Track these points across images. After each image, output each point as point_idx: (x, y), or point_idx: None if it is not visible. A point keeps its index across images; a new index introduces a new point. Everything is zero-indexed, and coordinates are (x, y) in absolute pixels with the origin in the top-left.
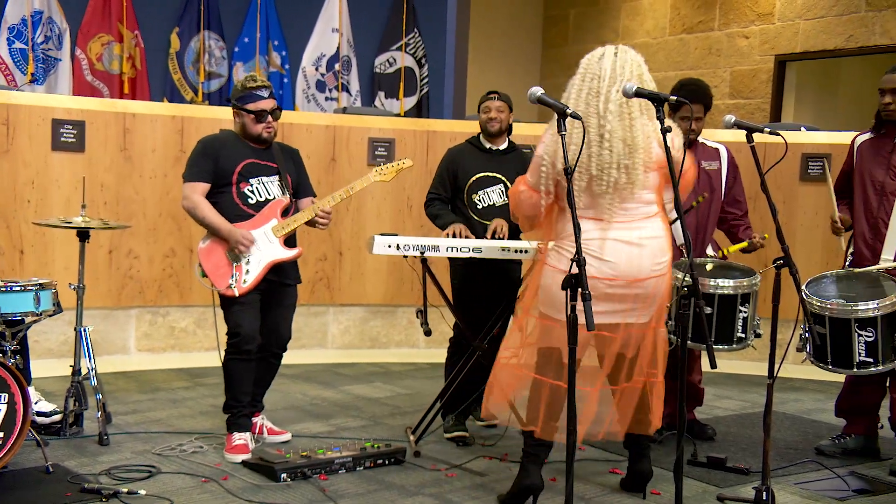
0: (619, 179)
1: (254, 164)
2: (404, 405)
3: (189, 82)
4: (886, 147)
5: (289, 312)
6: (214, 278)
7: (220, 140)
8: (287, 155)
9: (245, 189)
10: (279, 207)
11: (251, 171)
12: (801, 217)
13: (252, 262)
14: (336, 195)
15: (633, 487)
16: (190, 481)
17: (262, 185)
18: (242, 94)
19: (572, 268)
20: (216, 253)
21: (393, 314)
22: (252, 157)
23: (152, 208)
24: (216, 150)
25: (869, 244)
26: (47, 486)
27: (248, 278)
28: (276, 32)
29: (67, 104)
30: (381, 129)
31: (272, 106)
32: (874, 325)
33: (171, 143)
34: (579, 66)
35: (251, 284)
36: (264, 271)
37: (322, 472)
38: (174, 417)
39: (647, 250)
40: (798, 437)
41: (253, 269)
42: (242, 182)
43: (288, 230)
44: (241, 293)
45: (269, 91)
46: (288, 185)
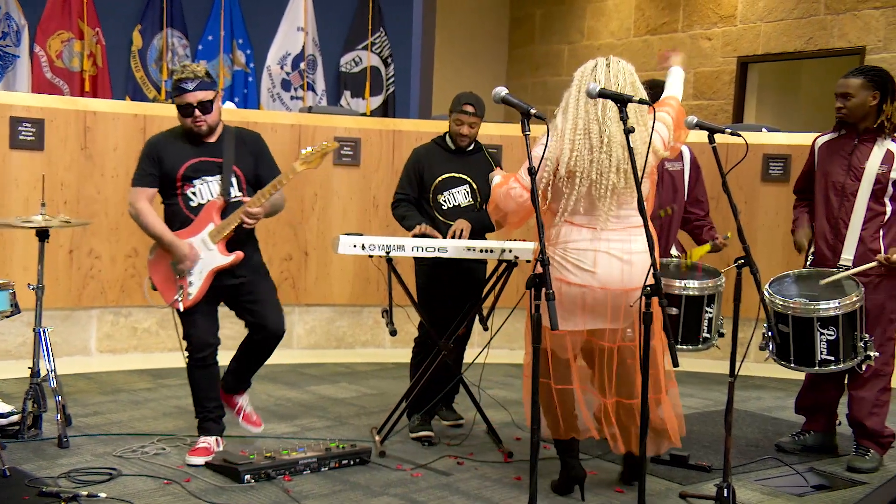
0: (618, 184)
1: (198, 164)
2: (370, 405)
3: (152, 80)
4: (846, 148)
5: (266, 305)
6: (163, 291)
7: (164, 140)
8: (243, 146)
9: (188, 191)
10: (214, 210)
11: (195, 172)
12: (762, 217)
13: (195, 273)
14: (264, 191)
15: (627, 479)
16: (151, 483)
17: (205, 186)
18: (172, 88)
19: (536, 267)
20: (163, 265)
21: (359, 314)
22: (196, 155)
23: (114, 207)
24: (160, 151)
25: (830, 244)
26: (4, 490)
27: (193, 290)
28: (240, 30)
29: (26, 101)
30: (346, 129)
31: (199, 98)
32: (835, 323)
33: (133, 142)
34: (573, 79)
35: (196, 297)
36: (208, 280)
37: (286, 472)
38: (136, 419)
39: (637, 267)
40: (759, 434)
41: (196, 281)
42: (186, 184)
43: (222, 235)
44: (187, 307)
45: (196, 81)
46: (240, 183)
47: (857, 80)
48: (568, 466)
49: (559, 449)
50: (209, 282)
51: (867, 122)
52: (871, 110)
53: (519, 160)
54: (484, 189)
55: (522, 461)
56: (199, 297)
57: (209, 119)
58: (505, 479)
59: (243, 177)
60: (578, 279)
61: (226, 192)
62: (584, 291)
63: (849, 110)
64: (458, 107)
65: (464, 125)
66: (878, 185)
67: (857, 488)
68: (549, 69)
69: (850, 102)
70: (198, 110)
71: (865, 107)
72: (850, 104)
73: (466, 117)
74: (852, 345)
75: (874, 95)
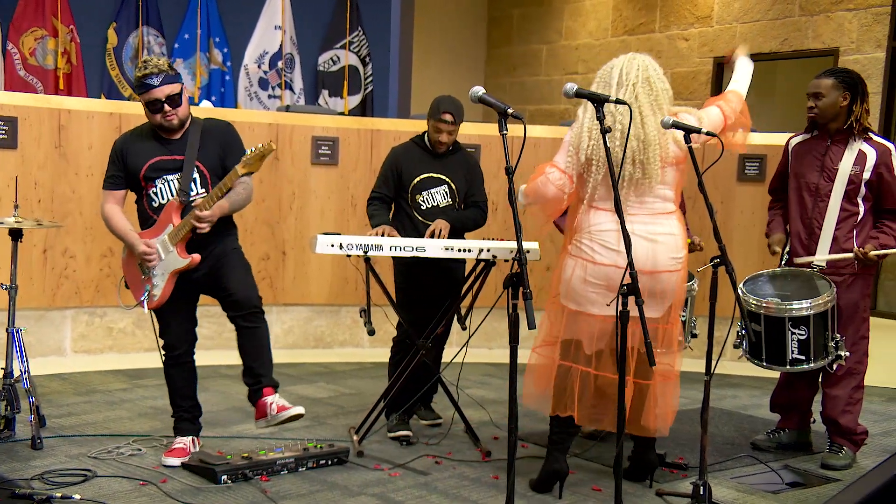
0: (634, 174)
1: (159, 163)
2: (348, 405)
3: (127, 79)
4: (819, 149)
5: (231, 278)
6: (134, 291)
7: (129, 140)
8: (210, 138)
9: (151, 191)
10: (173, 211)
11: (155, 171)
12: (738, 217)
13: (158, 274)
14: (212, 195)
15: (637, 477)
16: (127, 485)
17: (166, 185)
18: (137, 85)
19: (512, 266)
20: (133, 264)
21: (337, 314)
22: (157, 154)
23: (89, 207)
24: (124, 152)
25: (804, 244)
26: None
27: (157, 292)
28: (217, 29)
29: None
30: (324, 128)
31: (166, 93)
32: (807, 323)
33: (108, 141)
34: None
35: (160, 299)
36: (171, 282)
37: (263, 473)
38: (111, 420)
39: (662, 246)
40: (735, 432)
41: (159, 283)
42: (149, 184)
43: (179, 237)
44: (151, 307)
45: (162, 76)
46: (204, 179)
47: (828, 80)
48: (552, 459)
49: (552, 432)
50: (172, 283)
51: (837, 122)
52: (842, 111)
53: (498, 160)
54: (462, 189)
55: (500, 460)
56: (164, 299)
57: (180, 112)
58: (483, 479)
59: (207, 172)
60: (606, 259)
61: (185, 190)
62: (611, 271)
63: (820, 110)
64: (437, 115)
65: (442, 133)
66: (850, 186)
67: (831, 485)
68: (527, 69)
69: (821, 102)
70: (167, 105)
71: (836, 107)
72: (821, 104)
73: (445, 125)
74: (823, 344)
75: (845, 96)
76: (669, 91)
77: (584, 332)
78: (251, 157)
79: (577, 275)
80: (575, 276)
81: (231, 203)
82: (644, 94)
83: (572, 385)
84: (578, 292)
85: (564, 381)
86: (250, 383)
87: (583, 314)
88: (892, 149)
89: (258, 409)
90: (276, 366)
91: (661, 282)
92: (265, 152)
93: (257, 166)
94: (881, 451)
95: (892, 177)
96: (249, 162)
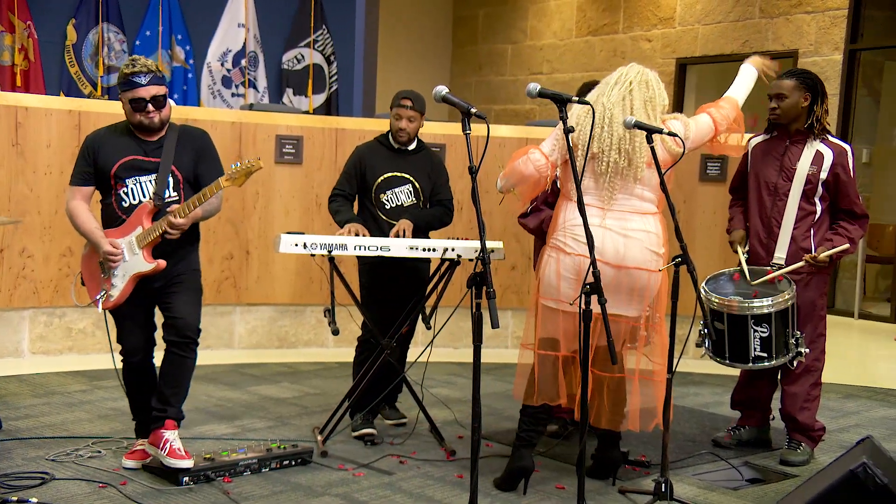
0: (620, 162)
1: (132, 162)
2: (312, 405)
3: (87, 76)
4: (778, 149)
5: (179, 298)
6: (90, 288)
7: (103, 137)
8: (186, 143)
9: (121, 191)
10: (145, 213)
11: (128, 171)
12: (700, 216)
13: (118, 275)
14: (189, 203)
15: (601, 474)
16: (86, 487)
17: (138, 186)
18: (122, 81)
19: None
20: (93, 262)
21: (301, 313)
22: (134, 153)
23: (47, 205)
24: (96, 148)
25: (763, 243)
26: None
27: (114, 293)
28: (179, 26)
29: None
30: (288, 127)
31: (152, 93)
32: (769, 321)
33: (67, 139)
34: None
35: (116, 300)
36: (130, 285)
37: (226, 474)
38: (70, 422)
39: (634, 242)
40: (696, 429)
41: (118, 284)
42: (119, 183)
43: (148, 241)
44: (106, 308)
45: (150, 76)
46: (178, 183)
47: (790, 81)
48: (518, 456)
49: (521, 429)
50: (132, 286)
51: (798, 123)
52: (803, 111)
53: (463, 159)
54: (427, 188)
55: (465, 459)
56: (121, 301)
57: (162, 113)
58: (447, 478)
59: (181, 177)
60: (577, 250)
61: (160, 194)
62: (581, 261)
63: (782, 111)
64: (396, 102)
65: (402, 119)
66: (808, 186)
67: (789, 481)
68: (492, 68)
69: (783, 103)
70: (150, 105)
71: (798, 108)
72: (783, 105)
73: (404, 111)
74: (784, 342)
75: (805, 97)
76: (666, 100)
77: (560, 331)
78: (237, 171)
79: (551, 268)
80: (550, 269)
81: (204, 212)
82: (639, 92)
83: (549, 372)
84: (553, 285)
85: (542, 371)
86: (157, 408)
87: (558, 312)
88: (849, 150)
89: (153, 437)
90: (239, 366)
91: (631, 277)
92: (252, 169)
93: (242, 181)
94: (838, 447)
95: (848, 177)
96: (234, 176)
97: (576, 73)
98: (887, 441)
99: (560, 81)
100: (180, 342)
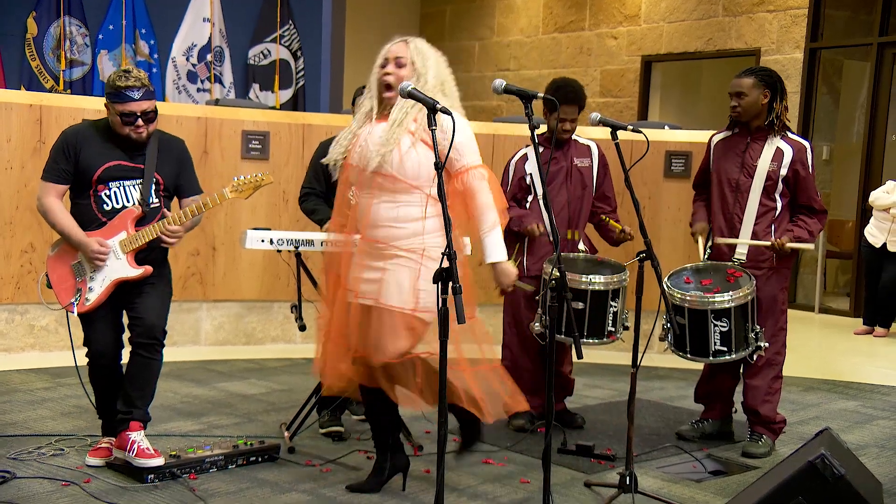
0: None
1: (118, 167)
2: (279, 401)
3: (49, 70)
4: (740, 146)
5: (147, 300)
6: (59, 291)
7: (84, 135)
8: (167, 151)
9: (102, 193)
10: (130, 218)
11: (113, 175)
12: (665, 212)
13: (96, 279)
14: (186, 212)
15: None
16: (49, 486)
17: (122, 190)
18: (112, 91)
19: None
20: (64, 264)
21: (269, 309)
22: (118, 157)
23: (8, 201)
24: (78, 147)
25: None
26: None
27: (91, 297)
28: (143, 20)
29: None
30: (255, 122)
31: (144, 108)
32: (728, 315)
33: (28, 133)
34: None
35: (93, 304)
36: (109, 289)
37: (192, 471)
38: (32, 419)
39: None
40: (661, 423)
41: (96, 288)
42: (101, 185)
43: (135, 246)
44: (81, 312)
45: (143, 91)
46: (158, 189)
47: (749, 79)
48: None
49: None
50: (110, 291)
51: (759, 120)
52: (763, 109)
53: None
54: None
55: (432, 454)
56: (97, 305)
57: (150, 128)
58: (415, 473)
59: (163, 183)
60: None
61: (145, 200)
62: None
63: (742, 109)
64: (357, 95)
65: None
66: (769, 182)
67: (751, 473)
68: (460, 65)
69: (743, 101)
70: (141, 119)
71: (758, 105)
72: (743, 103)
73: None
74: (744, 336)
75: (765, 94)
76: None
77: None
78: (244, 183)
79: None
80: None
81: (192, 223)
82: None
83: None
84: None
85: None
86: (122, 410)
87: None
88: (808, 147)
89: (119, 439)
90: (206, 362)
91: None
92: (261, 183)
93: (248, 194)
94: (798, 439)
95: (807, 173)
96: (241, 188)
97: (543, 69)
98: (845, 433)
99: (527, 78)
100: (147, 344)
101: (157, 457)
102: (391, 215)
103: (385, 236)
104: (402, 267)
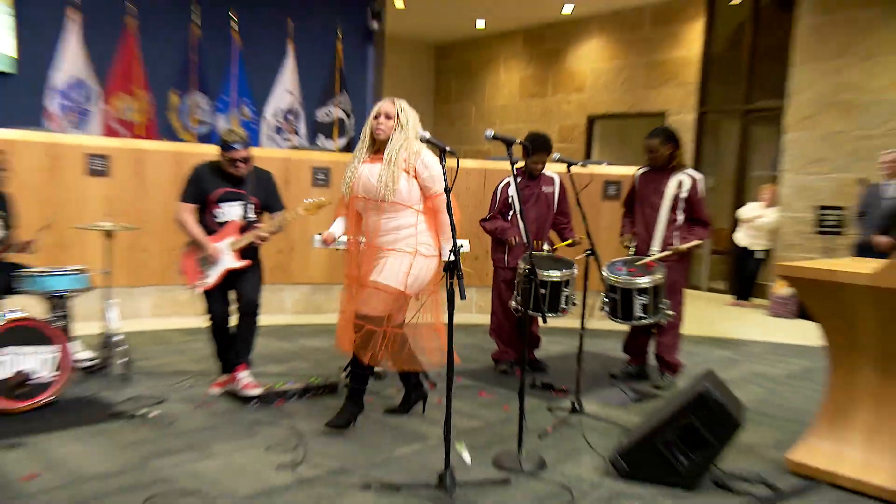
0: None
1: (227, 193)
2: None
3: (184, 127)
4: (655, 179)
5: (247, 283)
6: (187, 275)
7: (205, 171)
8: (259, 180)
9: (216, 211)
10: (235, 228)
11: (223, 198)
12: (603, 224)
13: (213, 268)
14: (274, 223)
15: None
16: (187, 406)
17: (229, 208)
18: (223, 143)
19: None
20: (191, 257)
21: (330, 290)
22: (227, 186)
23: (161, 216)
24: (202, 178)
25: (645, 241)
26: (87, 409)
27: (209, 281)
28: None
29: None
30: (320, 161)
31: (242, 155)
32: (647, 292)
33: (173, 171)
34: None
35: (211, 285)
36: (221, 276)
37: (280, 398)
38: (176, 362)
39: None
40: (599, 367)
41: (213, 274)
42: (216, 205)
43: (239, 246)
44: (204, 290)
45: (242, 143)
46: (255, 207)
47: (656, 140)
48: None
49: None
50: (222, 277)
51: (666, 162)
52: (668, 156)
53: None
54: None
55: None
56: (213, 286)
57: (247, 167)
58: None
59: (257, 203)
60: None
61: (245, 215)
62: None
63: (654, 159)
64: None
65: None
66: (673, 203)
67: (659, 400)
68: (462, 121)
69: (654, 155)
70: (240, 162)
71: (665, 155)
72: (655, 155)
73: None
74: (657, 306)
75: (668, 147)
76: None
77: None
78: (311, 205)
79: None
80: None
81: (278, 228)
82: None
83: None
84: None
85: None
86: (233, 357)
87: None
88: (700, 178)
89: (231, 377)
90: (288, 326)
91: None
92: (323, 204)
93: (314, 211)
94: (690, 377)
95: (699, 197)
96: (309, 207)
97: (520, 124)
98: (722, 371)
99: (509, 129)
100: (248, 312)
101: (259, 387)
102: (392, 226)
103: (388, 240)
104: (399, 256)
